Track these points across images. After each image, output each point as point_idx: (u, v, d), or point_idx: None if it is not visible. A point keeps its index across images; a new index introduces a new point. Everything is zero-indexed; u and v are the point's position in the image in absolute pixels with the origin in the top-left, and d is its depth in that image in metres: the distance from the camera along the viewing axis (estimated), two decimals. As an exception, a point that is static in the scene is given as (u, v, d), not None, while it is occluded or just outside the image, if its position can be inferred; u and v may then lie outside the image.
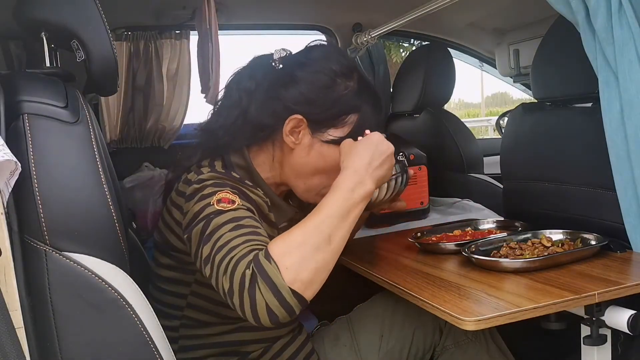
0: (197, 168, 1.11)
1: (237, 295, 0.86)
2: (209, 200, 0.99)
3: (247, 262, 0.87)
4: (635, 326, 1.01)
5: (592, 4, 1.15)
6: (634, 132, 1.14)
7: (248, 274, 0.85)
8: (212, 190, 1.01)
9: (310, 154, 1.14)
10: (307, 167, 1.15)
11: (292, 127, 1.12)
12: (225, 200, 0.99)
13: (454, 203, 2.02)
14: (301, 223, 0.92)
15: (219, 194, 1.00)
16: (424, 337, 1.34)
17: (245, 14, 2.30)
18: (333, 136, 1.13)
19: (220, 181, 1.05)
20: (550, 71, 1.49)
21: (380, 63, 2.52)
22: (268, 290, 0.84)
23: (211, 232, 0.94)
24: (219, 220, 0.95)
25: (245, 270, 0.86)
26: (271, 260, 0.85)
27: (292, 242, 0.88)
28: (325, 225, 0.91)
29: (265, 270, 0.85)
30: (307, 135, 1.13)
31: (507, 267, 1.15)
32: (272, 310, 0.84)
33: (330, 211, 0.93)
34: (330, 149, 1.13)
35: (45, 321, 0.82)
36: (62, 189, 0.84)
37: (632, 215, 1.19)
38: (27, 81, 0.90)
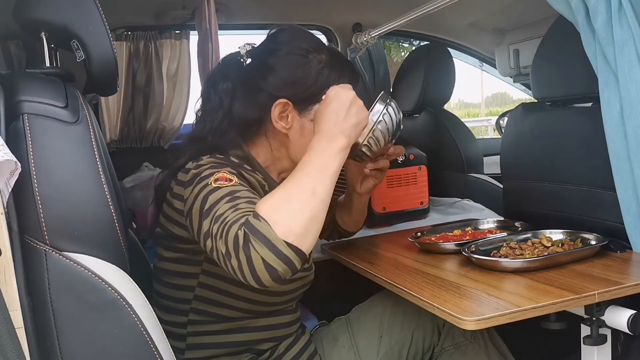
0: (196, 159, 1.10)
1: (233, 257, 0.86)
2: (207, 181, 1.00)
3: (239, 225, 0.87)
4: (635, 326, 1.01)
5: (592, 4, 1.15)
6: (634, 132, 1.14)
7: (240, 234, 0.86)
8: (210, 171, 1.02)
9: (304, 133, 1.15)
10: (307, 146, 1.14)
11: (280, 112, 1.14)
12: (223, 179, 1.00)
13: (454, 203, 2.02)
14: (282, 184, 0.93)
15: (217, 174, 1.01)
16: (423, 338, 1.34)
17: (245, 14, 2.31)
18: None
19: (218, 164, 1.06)
20: (550, 71, 1.49)
21: (380, 63, 2.53)
22: (262, 246, 0.84)
23: (209, 207, 0.95)
24: (216, 195, 0.96)
25: (237, 231, 0.86)
26: (261, 219, 0.86)
27: (277, 199, 0.89)
28: (306, 180, 0.93)
29: (257, 228, 0.85)
30: (295, 117, 1.15)
31: (507, 267, 1.15)
32: (271, 265, 0.84)
33: (307, 168, 0.95)
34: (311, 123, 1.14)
35: (45, 321, 0.82)
36: (62, 189, 0.84)
37: (632, 215, 1.19)
38: (27, 81, 0.90)
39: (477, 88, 21.12)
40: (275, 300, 1.18)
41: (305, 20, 2.51)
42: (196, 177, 1.03)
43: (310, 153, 0.98)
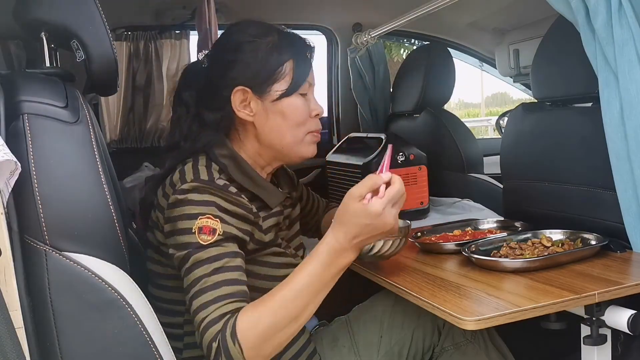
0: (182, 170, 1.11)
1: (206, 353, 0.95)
2: (190, 225, 1.02)
3: (216, 333, 0.94)
4: (635, 326, 1.01)
5: (592, 4, 1.15)
6: (634, 132, 1.14)
7: (214, 346, 0.93)
8: (194, 210, 1.03)
9: (270, 117, 1.16)
10: (276, 129, 1.17)
11: (240, 100, 1.15)
12: (206, 231, 1.02)
13: (454, 203, 2.02)
14: (274, 294, 0.97)
15: (201, 220, 1.02)
16: (423, 338, 1.34)
17: (245, 14, 2.30)
18: (280, 90, 1.15)
19: (204, 197, 1.05)
20: (550, 71, 1.49)
21: (380, 63, 2.52)
22: None
23: (190, 267, 1.00)
24: (198, 257, 1.00)
25: (211, 342, 0.94)
26: (235, 341, 0.92)
27: (260, 318, 0.95)
28: (297, 302, 0.97)
29: (229, 351, 0.92)
30: (257, 102, 1.15)
31: (507, 267, 1.15)
32: None
33: (303, 284, 0.97)
34: (286, 102, 1.15)
35: (45, 321, 0.82)
36: (62, 189, 0.84)
37: (632, 215, 1.19)
38: (27, 81, 0.90)
39: (477, 88, 21.12)
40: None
41: (305, 21, 2.51)
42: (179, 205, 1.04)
43: (314, 265, 0.99)
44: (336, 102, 2.62)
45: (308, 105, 1.19)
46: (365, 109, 2.52)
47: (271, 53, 1.15)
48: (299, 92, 1.17)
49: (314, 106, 1.20)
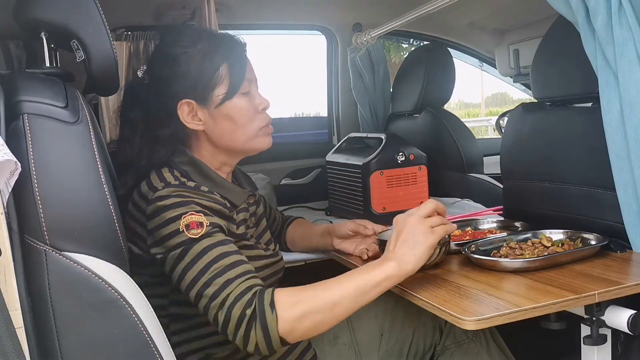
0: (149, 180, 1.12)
1: (232, 328, 0.96)
2: (176, 227, 1.03)
3: (247, 301, 0.96)
4: (635, 326, 1.01)
5: (592, 4, 1.15)
6: (634, 132, 1.14)
7: (248, 313, 0.95)
8: (176, 212, 1.05)
9: (218, 122, 1.18)
10: (227, 132, 1.19)
11: (187, 112, 1.17)
12: (194, 225, 1.04)
13: (454, 203, 2.02)
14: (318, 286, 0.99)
15: (185, 218, 1.04)
16: (424, 337, 1.34)
17: (245, 14, 2.31)
18: (221, 94, 1.17)
19: (181, 199, 1.07)
20: (550, 71, 1.49)
21: (380, 63, 2.52)
22: (261, 334, 0.95)
23: (189, 263, 1.01)
24: (196, 249, 1.01)
25: (245, 309, 0.95)
26: (273, 310, 0.95)
27: (299, 299, 0.97)
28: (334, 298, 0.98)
29: (265, 318, 0.95)
30: (202, 110, 1.17)
31: (507, 267, 1.15)
32: (259, 348, 0.96)
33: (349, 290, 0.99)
34: (229, 105, 1.17)
35: (45, 321, 0.82)
36: (62, 189, 0.84)
37: (632, 215, 1.19)
38: (27, 81, 0.90)
39: (477, 88, 21.10)
40: None
41: (306, 21, 2.51)
42: (159, 212, 1.06)
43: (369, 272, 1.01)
44: (336, 102, 2.62)
45: (253, 102, 1.21)
46: (365, 109, 2.52)
47: (204, 60, 1.16)
48: (241, 92, 1.18)
49: (259, 101, 1.22)
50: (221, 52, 1.18)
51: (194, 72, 1.16)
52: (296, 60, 5.37)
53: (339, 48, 2.54)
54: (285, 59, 5.09)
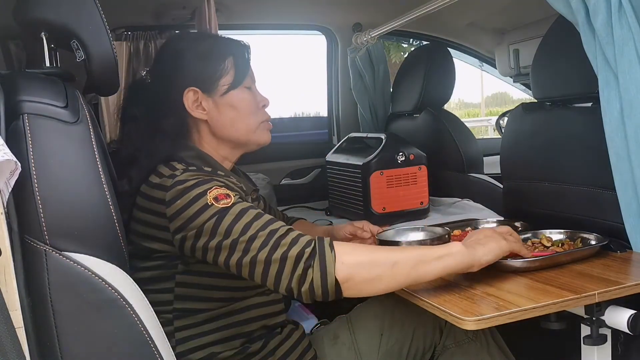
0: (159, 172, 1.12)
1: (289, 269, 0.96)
2: (204, 202, 1.03)
3: (306, 242, 0.97)
4: (635, 326, 1.01)
5: (592, 4, 1.15)
6: (634, 132, 1.14)
7: (307, 251, 0.96)
8: (200, 190, 1.05)
9: (222, 111, 1.22)
10: (229, 121, 1.23)
11: (192, 101, 1.20)
12: (222, 197, 1.04)
13: (454, 203, 2.02)
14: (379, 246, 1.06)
15: (211, 192, 1.04)
16: (424, 336, 1.34)
17: (245, 14, 2.31)
18: (227, 84, 1.22)
19: (201, 178, 1.08)
20: (550, 71, 1.49)
21: (380, 63, 2.52)
22: (318, 272, 0.94)
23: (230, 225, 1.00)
24: (232, 214, 1.01)
25: (305, 248, 0.96)
26: (332, 250, 0.96)
27: (358, 248, 1.00)
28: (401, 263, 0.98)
29: (325, 255, 0.95)
30: (207, 100, 1.21)
31: (507, 267, 1.15)
32: (313, 289, 0.95)
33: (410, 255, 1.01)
34: (234, 95, 1.22)
35: (45, 321, 0.82)
36: (62, 189, 0.84)
37: (632, 215, 1.19)
38: (27, 81, 0.90)
39: (477, 88, 21.10)
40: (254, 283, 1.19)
41: (305, 21, 2.51)
42: (183, 194, 1.05)
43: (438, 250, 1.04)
44: (336, 102, 2.62)
45: (255, 97, 1.26)
46: (365, 109, 2.52)
47: (211, 52, 1.22)
48: (244, 86, 1.23)
49: (260, 98, 1.28)
50: (227, 47, 1.24)
51: (200, 63, 1.20)
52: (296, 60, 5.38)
53: (339, 48, 2.54)
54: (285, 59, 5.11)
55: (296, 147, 2.60)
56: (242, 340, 1.19)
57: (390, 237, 1.33)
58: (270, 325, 1.24)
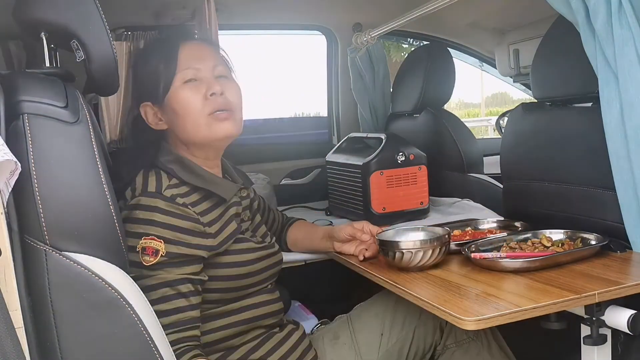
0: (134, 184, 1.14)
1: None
2: (135, 244, 1.05)
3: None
4: (635, 326, 1.01)
5: (592, 4, 1.15)
6: (634, 132, 1.14)
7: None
8: (139, 230, 1.07)
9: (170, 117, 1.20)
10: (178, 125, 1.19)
11: (151, 115, 1.21)
12: (149, 252, 1.05)
13: (454, 203, 2.02)
14: None
15: (144, 240, 1.06)
16: (425, 336, 1.34)
17: (245, 14, 2.30)
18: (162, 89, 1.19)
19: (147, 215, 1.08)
20: (550, 71, 1.49)
21: (380, 63, 2.52)
22: None
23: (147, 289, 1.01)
24: (144, 282, 1.03)
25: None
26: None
27: None
28: None
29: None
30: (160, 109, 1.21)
31: (507, 267, 1.15)
32: None
33: None
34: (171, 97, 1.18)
35: (45, 321, 0.82)
36: (62, 189, 0.84)
37: (632, 215, 1.19)
38: (27, 81, 0.90)
39: (477, 88, 21.09)
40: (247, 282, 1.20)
41: (306, 21, 2.50)
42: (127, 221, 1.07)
43: None
44: (336, 102, 2.62)
45: (200, 90, 1.17)
46: (365, 109, 2.52)
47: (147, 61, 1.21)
48: (182, 82, 1.17)
49: (207, 87, 1.18)
50: (158, 47, 1.23)
51: (142, 74, 1.22)
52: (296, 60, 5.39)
53: (339, 48, 2.53)
54: (285, 59, 5.10)
55: (296, 147, 2.59)
56: (240, 340, 1.19)
57: (390, 237, 1.33)
58: (269, 325, 1.24)
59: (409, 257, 1.19)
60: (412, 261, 1.19)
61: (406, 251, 1.19)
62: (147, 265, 1.04)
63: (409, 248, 1.19)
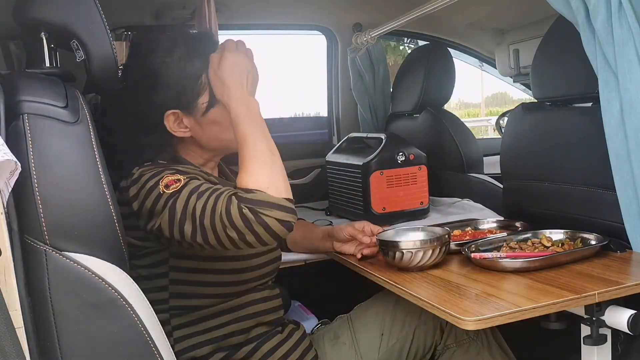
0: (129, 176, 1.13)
1: (249, 233, 0.95)
2: (157, 191, 1.04)
3: (237, 205, 0.96)
4: (635, 326, 1.01)
5: (592, 4, 1.15)
6: (634, 132, 1.14)
7: (247, 212, 0.95)
8: (153, 181, 1.06)
9: (205, 128, 1.18)
10: (214, 136, 1.20)
11: (173, 121, 1.17)
12: (171, 183, 1.04)
13: (454, 203, 2.02)
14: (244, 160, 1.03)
15: (162, 181, 1.05)
16: (425, 336, 1.34)
17: (245, 14, 2.30)
18: (205, 102, 1.16)
19: (154, 170, 1.09)
20: (550, 71, 1.49)
21: (380, 63, 2.52)
22: (272, 210, 0.95)
23: (184, 210, 1.00)
24: (182, 198, 1.01)
25: (242, 211, 0.95)
26: (253, 191, 0.97)
27: (252, 169, 1.01)
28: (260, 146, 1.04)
29: (257, 199, 0.96)
30: (188, 118, 1.17)
31: (507, 267, 1.15)
32: (285, 221, 0.96)
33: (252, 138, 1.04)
34: (215, 112, 1.17)
35: (45, 321, 0.82)
36: (62, 189, 0.84)
37: (632, 215, 1.19)
38: (27, 81, 0.90)
39: (477, 88, 21.09)
40: (248, 277, 1.20)
41: (306, 21, 2.51)
42: (140, 191, 1.07)
43: (244, 124, 1.06)
44: (336, 102, 2.62)
45: None
46: (365, 109, 2.52)
47: (184, 69, 1.15)
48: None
49: None
50: (199, 57, 1.16)
51: (176, 83, 1.14)
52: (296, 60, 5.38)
53: (339, 48, 2.53)
54: (285, 59, 5.10)
55: (296, 147, 2.59)
56: (240, 338, 1.19)
57: (390, 237, 1.33)
58: (269, 322, 1.24)
59: (409, 257, 1.19)
60: (412, 261, 1.19)
61: (406, 251, 1.19)
62: (175, 191, 1.02)
63: (409, 248, 1.19)
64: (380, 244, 1.28)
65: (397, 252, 1.20)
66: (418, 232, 1.33)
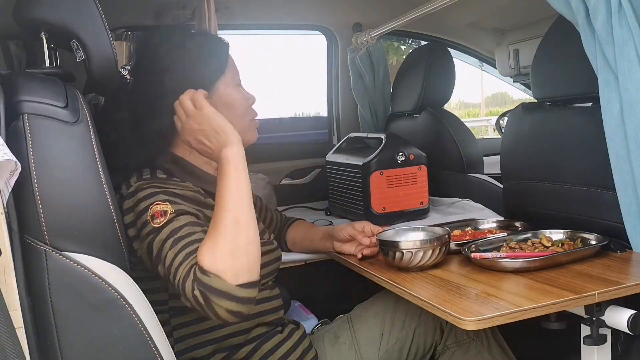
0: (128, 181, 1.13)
1: (201, 310, 0.92)
2: (145, 217, 1.04)
3: (191, 283, 0.92)
4: (635, 326, 1.01)
5: (592, 4, 1.15)
6: (634, 132, 1.14)
7: (198, 295, 0.91)
8: (144, 204, 1.06)
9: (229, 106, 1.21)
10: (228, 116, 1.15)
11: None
12: (158, 215, 1.03)
13: (454, 203, 2.02)
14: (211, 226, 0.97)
15: (151, 208, 1.04)
16: (425, 336, 1.34)
17: (245, 14, 2.30)
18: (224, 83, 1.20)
19: (150, 191, 1.07)
20: (550, 71, 1.49)
21: (380, 63, 2.52)
22: (222, 299, 0.90)
23: (158, 253, 1.00)
24: (160, 239, 1.00)
25: (194, 292, 0.91)
26: (208, 274, 0.90)
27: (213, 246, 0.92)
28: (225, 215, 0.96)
29: (209, 285, 0.90)
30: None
31: (507, 267, 1.15)
32: (235, 311, 0.91)
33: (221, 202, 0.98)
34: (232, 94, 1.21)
35: (45, 321, 0.82)
36: (62, 189, 0.84)
37: (632, 215, 1.19)
38: (27, 81, 0.90)
39: (477, 88, 21.09)
40: None
41: (305, 20, 2.51)
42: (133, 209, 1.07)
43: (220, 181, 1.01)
44: (336, 102, 2.62)
45: (247, 96, 1.27)
46: (365, 109, 2.52)
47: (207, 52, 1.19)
48: (236, 84, 1.24)
49: (247, 95, 1.27)
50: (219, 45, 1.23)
51: (197, 64, 1.17)
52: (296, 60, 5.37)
53: (339, 48, 2.54)
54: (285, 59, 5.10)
55: (296, 147, 2.60)
56: (240, 339, 1.19)
57: (390, 237, 1.33)
58: (269, 322, 1.24)
59: (409, 257, 1.19)
60: (412, 261, 1.19)
61: (406, 251, 1.19)
62: (159, 227, 1.02)
63: (409, 248, 1.19)
64: (380, 244, 1.28)
65: (397, 252, 1.20)
66: (418, 232, 1.33)
